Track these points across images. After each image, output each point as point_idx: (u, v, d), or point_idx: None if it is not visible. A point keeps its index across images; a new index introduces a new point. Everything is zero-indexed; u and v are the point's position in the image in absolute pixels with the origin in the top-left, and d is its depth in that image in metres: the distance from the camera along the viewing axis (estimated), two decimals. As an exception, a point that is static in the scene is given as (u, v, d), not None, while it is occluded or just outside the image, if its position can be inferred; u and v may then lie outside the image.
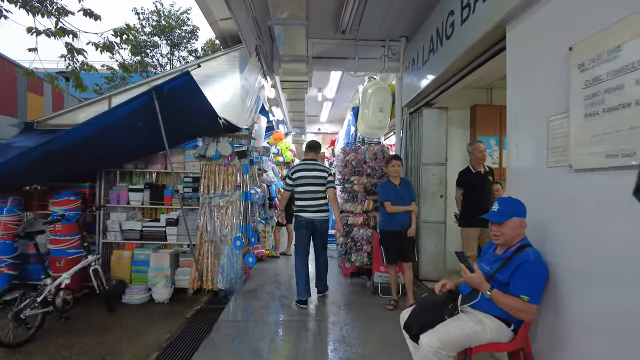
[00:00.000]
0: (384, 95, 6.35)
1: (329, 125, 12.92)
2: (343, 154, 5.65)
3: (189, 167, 5.42)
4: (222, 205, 5.17)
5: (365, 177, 5.23)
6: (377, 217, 5.23)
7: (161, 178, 5.97)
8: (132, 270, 5.30)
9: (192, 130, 4.96)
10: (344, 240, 5.40)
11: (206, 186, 5.18)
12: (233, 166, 5.21)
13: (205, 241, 5.19)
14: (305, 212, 4.67)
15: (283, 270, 6.42)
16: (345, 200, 5.47)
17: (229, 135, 5.29)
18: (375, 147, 5.42)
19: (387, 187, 4.41)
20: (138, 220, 5.44)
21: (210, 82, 5.86)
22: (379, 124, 6.32)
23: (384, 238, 4.43)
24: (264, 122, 8.00)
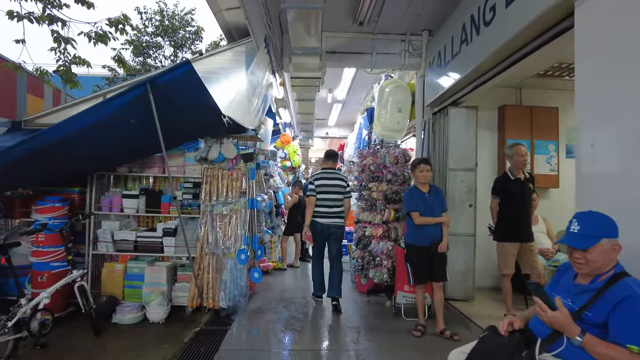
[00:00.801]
0: (403, 94, 5.82)
1: (337, 129, 12.41)
2: (359, 158, 5.10)
3: (189, 171, 4.89)
4: (226, 214, 4.62)
5: (385, 183, 4.68)
6: (398, 228, 4.68)
7: (159, 183, 5.44)
8: (124, 285, 4.76)
9: (192, 129, 4.44)
10: (361, 254, 4.83)
11: (208, 192, 4.64)
12: (238, 170, 4.67)
13: (206, 254, 4.65)
14: (322, 217, 4.81)
15: (291, 285, 5.85)
16: (362, 210, 4.91)
17: (233, 136, 4.76)
18: (397, 150, 4.87)
19: (415, 196, 3.85)
20: (132, 229, 4.90)
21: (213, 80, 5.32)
22: (397, 126, 5.78)
23: (411, 254, 3.87)
24: (270, 125, 7.50)
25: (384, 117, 5.78)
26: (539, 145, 5.54)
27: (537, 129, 5.52)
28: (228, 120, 4.11)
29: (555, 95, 5.71)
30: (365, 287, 5.21)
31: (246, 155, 4.66)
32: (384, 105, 5.82)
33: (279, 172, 8.10)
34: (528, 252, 4.00)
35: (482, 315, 4.27)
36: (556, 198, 5.48)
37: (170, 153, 4.90)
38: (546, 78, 5.33)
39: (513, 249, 3.99)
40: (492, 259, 5.40)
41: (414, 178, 3.99)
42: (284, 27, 5.28)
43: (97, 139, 3.82)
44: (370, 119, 7.07)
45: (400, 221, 4.75)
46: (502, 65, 3.73)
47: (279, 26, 5.26)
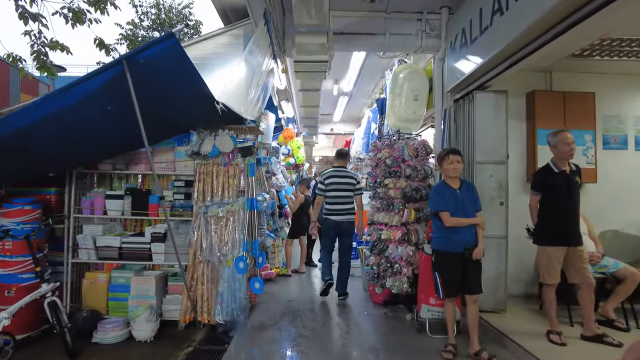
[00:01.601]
0: (419, 80, 5.23)
1: (343, 125, 11.82)
2: (374, 151, 4.50)
3: (180, 167, 4.31)
4: (222, 216, 4.04)
5: (404, 179, 4.08)
6: (419, 231, 4.08)
7: (148, 182, 4.88)
8: (109, 298, 4.21)
9: (182, 119, 3.86)
10: (376, 260, 4.24)
11: (201, 191, 4.07)
12: (235, 166, 4.09)
13: (200, 262, 4.07)
14: (334, 215, 4.95)
15: (297, 294, 5.25)
16: (377, 210, 4.32)
17: (230, 127, 4.18)
18: (416, 142, 4.27)
19: (443, 193, 3.26)
20: (116, 234, 4.33)
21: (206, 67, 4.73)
22: (413, 116, 5.19)
23: (441, 262, 3.27)
24: (272, 120, 6.93)
25: (399, 106, 5.19)
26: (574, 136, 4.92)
27: (572, 118, 4.90)
28: (222, 107, 3.53)
29: (590, 79, 5.09)
30: (380, 297, 4.62)
31: (244, 149, 4.07)
32: (398, 93, 5.23)
33: (282, 169, 7.52)
34: (576, 257, 3.40)
35: (520, 331, 3.68)
36: (594, 194, 4.86)
37: (157, 147, 4.33)
38: (581, 59, 4.72)
39: (559, 254, 3.39)
40: (522, 262, 4.82)
41: (442, 172, 3.39)
42: (286, 5, 4.70)
43: (67, 131, 3.25)
44: (381, 110, 6.48)
45: (421, 222, 4.15)
46: (545, 37, 3.14)
47: (280, 4, 4.68)
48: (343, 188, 4.95)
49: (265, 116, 6.69)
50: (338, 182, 4.97)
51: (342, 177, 5.01)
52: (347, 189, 4.98)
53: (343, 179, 4.99)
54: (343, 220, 4.92)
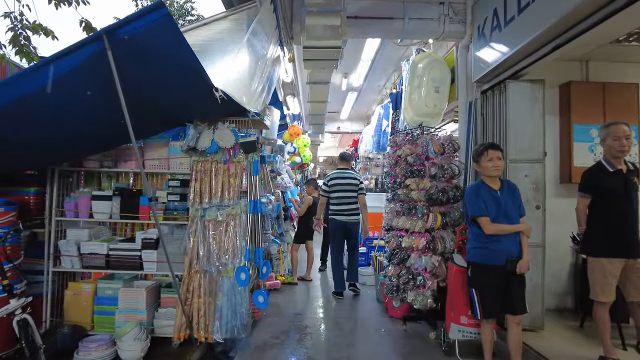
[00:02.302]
0: (440, 70, 4.75)
1: (350, 123, 11.33)
2: (393, 148, 4.01)
3: (175, 165, 3.84)
4: (221, 220, 3.57)
5: (429, 179, 3.58)
6: (445, 238, 3.58)
7: (140, 181, 4.41)
8: (94, 311, 3.74)
9: (176, 109, 3.38)
10: (395, 271, 3.74)
11: (198, 192, 3.60)
12: (236, 164, 3.62)
13: (197, 272, 3.60)
14: (340, 215, 5.13)
15: (305, 307, 4.76)
16: (397, 214, 3.82)
17: (231, 120, 3.71)
18: (442, 136, 3.78)
19: (482, 195, 2.77)
20: (103, 240, 3.86)
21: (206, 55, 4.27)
22: (434, 110, 4.71)
23: (479, 276, 2.77)
24: (277, 116, 6.44)
25: (418, 99, 4.71)
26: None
27: (612, 111, 4.39)
28: (221, 95, 3.07)
29: (629, 70, 4.59)
30: (398, 311, 4.13)
31: (247, 145, 3.60)
32: (417, 85, 4.75)
33: (287, 169, 7.04)
34: (635, 272, 2.89)
35: (563, 355, 3.19)
36: (638, 197, 4.35)
37: (149, 142, 3.87)
38: (624, 46, 4.22)
39: (615, 267, 2.88)
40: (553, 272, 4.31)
41: (480, 170, 2.89)
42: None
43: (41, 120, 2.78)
44: (395, 105, 5.99)
45: (448, 229, 3.66)
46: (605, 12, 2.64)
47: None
48: (347, 189, 5.15)
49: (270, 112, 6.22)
50: (342, 182, 5.17)
51: (345, 178, 5.21)
52: (351, 190, 5.16)
53: (347, 180, 5.19)
54: (348, 220, 5.12)
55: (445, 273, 3.55)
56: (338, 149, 17.36)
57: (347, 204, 5.12)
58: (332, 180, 5.22)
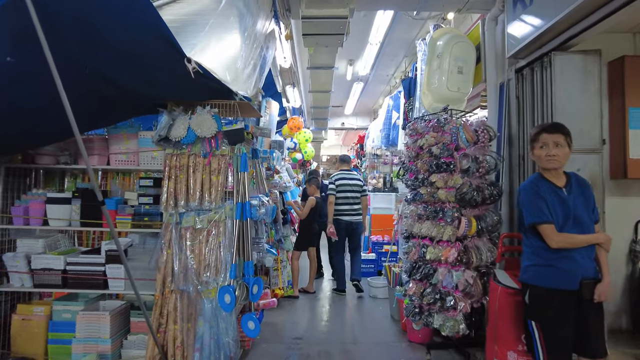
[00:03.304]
0: (464, 48, 4.02)
1: (355, 119, 10.62)
2: (412, 137, 3.28)
3: (146, 159, 3.16)
4: (201, 228, 2.88)
5: (460, 175, 2.86)
6: (481, 248, 2.86)
7: (110, 179, 3.72)
8: (47, 340, 3.06)
9: (140, 88, 2.67)
10: (418, 288, 3.02)
11: (172, 193, 2.90)
12: (220, 158, 2.92)
13: (172, 292, 2.91)
14: (344, 215, 5.21)
15: (307, 327, 4.04)
16: (420, 218, 3.09)
17: (213, 102, 3.01)
18: (475, 122, 3.06)
19: (543, 193, 2.04)
20: (60, 252, 3.18)
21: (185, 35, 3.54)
22: (457, 93, 3.98)
23: (542, 304, 2.04)
24: (275, 109, 5.77)
25: (438, 82, 3.99)
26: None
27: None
28: (195, 67, 2.38)
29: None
30: (419, 335, 3.41)
31: (233, 134, 2.90)
32: (437, 66, 4.02)
33: (288, 167, 6.34)
34: None
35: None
36: None
37: (114, 132, 3.19)
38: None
39: None
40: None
41: (537, 160, 2.17)
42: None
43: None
44: (408, 92, 5.27)
45: (483, 236, 2.93)
46: None
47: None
48: (352, 189, 5.28)
49: (268, 104, 5.54)
50: (347, 183, 5.29)
51: (350, 179, 5.35)
52: (355, 190, 5.32)
53: (352, 181, 5.34)
54: (352, 220, 5.22)
55: (481, 292, 2.84)
56: (342, 147, 16.66)
57: (352, 204, 5.25)
58: (339, 180, 5.32)
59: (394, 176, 7.93)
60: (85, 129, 3.07)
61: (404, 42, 5.80)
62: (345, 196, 5.24)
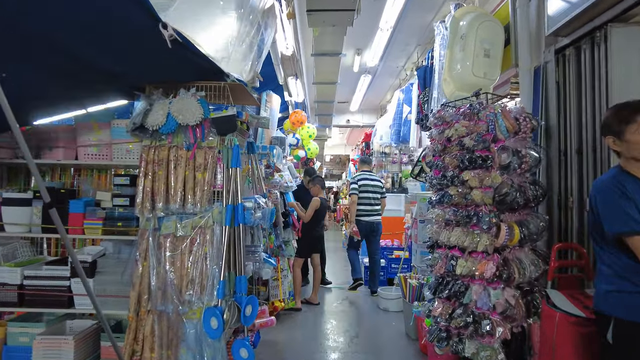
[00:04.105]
0: (491, 28, 3.50)
1: (361, 116, 10.11)
2: (437, 127, 2.75)
3: (119, 153, 2.67)
4: (183, 236, 2.38)
5: (498, 172, 2.34)
6: (524, 262, 2.34)
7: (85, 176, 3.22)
8: (2, 369, 2.57)
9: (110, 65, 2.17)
10: (445, 308, 2.50)
11: (149, 194, 2.40)
12: (207, 151, 2.42)
13: (149, 313, 2.41)
14: (365, 216, 5.22)
15: (312, 348, 3.53)
16: (447, 224, 2.57)
17: (198, 84, 2.51)
18: (514, 109, 2.54)
19: (632, 193, 1.52)
20: (18, 263, 2.68)
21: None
22: (484, 80, 3.46)
23: (636, 345, 1.51)
24: (277, 104, 5.29)
25: (462, 66, 3.47)
26: None
27: None
28: (173, 34, 1.89)
29: None
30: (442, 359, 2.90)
31: (223, 121, 2.40)
32: (460, 48, 3.50)
33: (290, 165, 5.83)
34: None
35: None
36: None
37: (83, 120, 2.68)
38: None
39: None
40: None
41: (622, 151, 1.65)
42: None
43: None
44: (424, 82, 4.76)
45: (525, 246, 2.41)
46: None
47: None
48: (373, 190, 5.31)
49: (269, 97, 5.04)
50: (369, 184, 5.33)
51: (372, 180, 5.41)
52: (376, 191, 5.34)
53: (373, 182, 5.39)
54: (373, 221, 5.23)
55: (523, 314, 2.32)
56: (346, 146, 16.17)
57: (373, 205, 5.27)
58: (362, 180, 5.35)
59: (404, 176, 7.43)
60: (40, 116, 2.58)
61: (417, 29, 5.30)
62: (367, 196, 5.27)
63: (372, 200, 5.27)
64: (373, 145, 8.31)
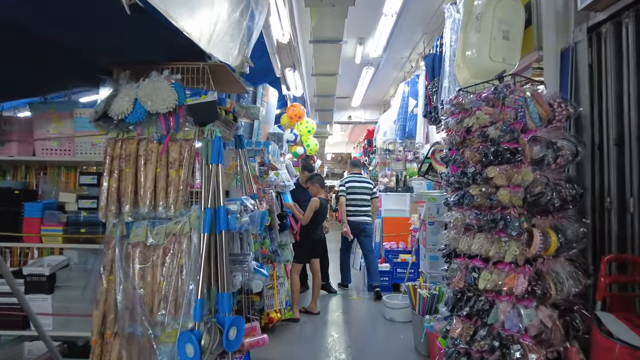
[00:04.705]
0: (510, 8, 3.11)
1: (363, 112, 9.71)
2: (455, 115, 2.35)
3: (84, 147, 2.30)
4: (155, 245, 2.01)
5: (530, 168, 1.95)
6: (560, 274, 1.95)
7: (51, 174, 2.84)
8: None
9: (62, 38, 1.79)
10: (465, 328, 2.12)
11: (114, 194, 2.03)
12: (182, 144, 2.05)
13: (115, 335, 2.03)
14: (354, 216, 5.34)
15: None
16: (468, 229, 2.18)
17: (174, 66, 2.14)
18: (546, 93, 2.15)
19: None
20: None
21: None
22: (502, 64, 3.06)
23: None
24: (274, 98, 4.94)
25: (477, 51, 3.09)
26: None
27: None
28: None
29: None
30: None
31: (201, 109, 2.02)
32: (476, 30, 3.12)
33: (288, 163, 5.46)
34: None
35: None
36: None
37: (41, 110, 2.31)
38: None
39: None
40: None
41: None
42: None
43: None
44: (433, 72, 4.38)
45: (559, 255, 2.02)
46: None
47: None
48: (361, 192, 5.42)
49: (266, 91, 4.67)
50: (357, 186, 5.44)
51: (360, 182, 5.51)
52: (365, 193, 5.45)
53: (361, 184, 5.48)
54: (361, 221, 5.32)
55: (562, 338, 1.93)
56: (348, 144, 15.79)
57: (361, 206, 5.37)
58: (349, 182, 5.48)
59: (408, 174, 7.05)
60: None
61: (424, 15, 4.93)
62: (355, 198, 5.37)
63: (360, 201, 5.38)
64: (376, 142, 7.92)
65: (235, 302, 2.72)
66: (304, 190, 4.93)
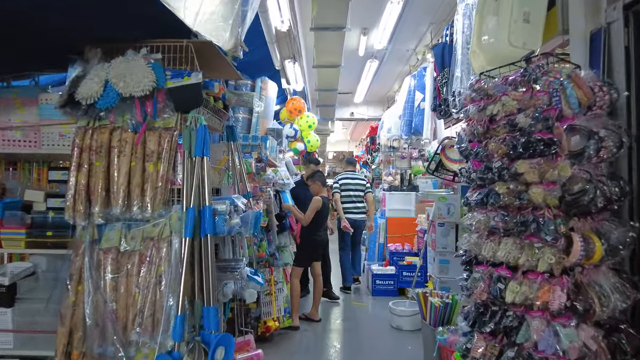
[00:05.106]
0: (531, -12, 2.84)
1: (366, 108, 9.41)
2: (476, 103, 2.05)
3: (50, 138, 2.01)
4: (130, 251, 1.72)
5: (568, 162, 1.67)
6: (604, 286, 1.66)
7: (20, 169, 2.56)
8: None
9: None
10: (490, 348, 1.83)
11: (82, 193, 1.74)
12: (162, 133, 1.76)
13: (83, 355, 1.75)
14: (349, 213, 5.45)
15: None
16: (489, 232, 1.88)
17: (154, 43, 1.85)
18: (586, 75, 1.87)
19: None
20: None
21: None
22: (522, 50, 2.77)
23: None
24: (274, 92, 4.66)
25: (494, 35, 2.80)
26: None
27: None
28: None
29: None
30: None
31: (184, 92, 1.73)
32: (493, 13, 2.83)
33: (288, 160, 5.18)
34: None
35: None
36: None
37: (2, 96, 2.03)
38: None
39: None
40: None
41: None
42: None
43: None
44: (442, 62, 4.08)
45: (602, 264, 1.73)
46: None
47: None
48: (355, 188, 5.58)
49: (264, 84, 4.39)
50: (350, 182, 5.61)
51: (353, 179, 5.70)
52: (359, 189, 5.60)
53: (354, 181, 5.67)
54: (357, 218, 5.48)
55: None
56: (350, 142, 15.50)
57: (355, 202, 5.52)
58: (342, 180, 5.67)
59: (414, 172, 6.77)
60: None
61: (431, 3, 4.64)
62: (349, 194, 5.53)
63: (354, 197, 5.53)
64: (380, 139, 7.63)
65: (228, 311, 2.44)
66: (305, 187, 4.64)
